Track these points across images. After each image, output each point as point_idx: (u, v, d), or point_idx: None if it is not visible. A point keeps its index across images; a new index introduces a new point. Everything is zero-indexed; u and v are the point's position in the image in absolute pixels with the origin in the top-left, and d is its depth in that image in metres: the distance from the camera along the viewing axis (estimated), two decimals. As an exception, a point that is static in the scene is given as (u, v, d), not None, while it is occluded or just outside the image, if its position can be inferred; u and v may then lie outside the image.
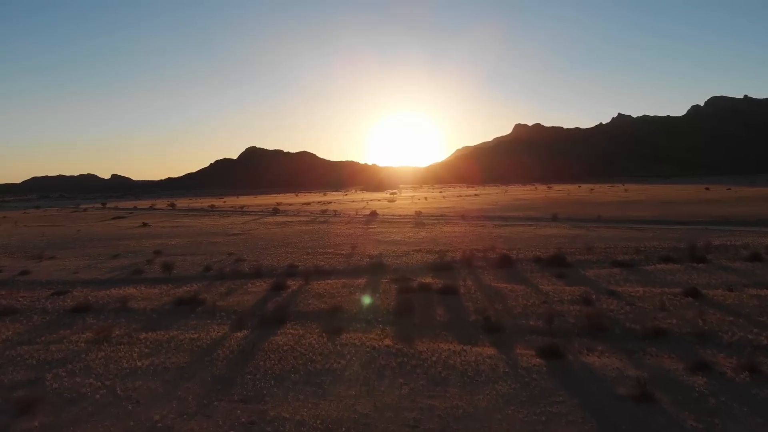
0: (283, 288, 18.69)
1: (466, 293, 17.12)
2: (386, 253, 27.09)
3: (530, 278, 19.62)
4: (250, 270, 22.68)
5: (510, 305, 15.48)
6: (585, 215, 47.38)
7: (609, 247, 26.78)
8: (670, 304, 15.30)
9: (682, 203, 62.51)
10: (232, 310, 16.06)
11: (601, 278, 19.45)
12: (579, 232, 34.00)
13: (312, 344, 12.21)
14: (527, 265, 22.44)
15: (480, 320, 13.87)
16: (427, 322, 14.05)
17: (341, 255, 26.97)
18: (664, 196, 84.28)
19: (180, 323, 14.93)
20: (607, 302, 15.65)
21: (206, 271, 23.14)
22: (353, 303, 16.24)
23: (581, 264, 22.46)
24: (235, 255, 27.97)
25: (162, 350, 12.40)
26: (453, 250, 26.99)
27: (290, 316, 14.91)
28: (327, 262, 24.76)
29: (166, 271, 22.51)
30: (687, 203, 62.12)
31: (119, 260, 28.20)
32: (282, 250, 29.45)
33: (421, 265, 23.15)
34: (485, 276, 20.28)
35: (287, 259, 26.03)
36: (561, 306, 15.26)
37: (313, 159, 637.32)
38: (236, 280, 20.89)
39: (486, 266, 22.26)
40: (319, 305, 16.15)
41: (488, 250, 26.25)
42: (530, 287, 17.86)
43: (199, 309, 16.43)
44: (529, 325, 13.55)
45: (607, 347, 11.82)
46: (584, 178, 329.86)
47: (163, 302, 17.60)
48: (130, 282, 21.77)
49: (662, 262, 22.74)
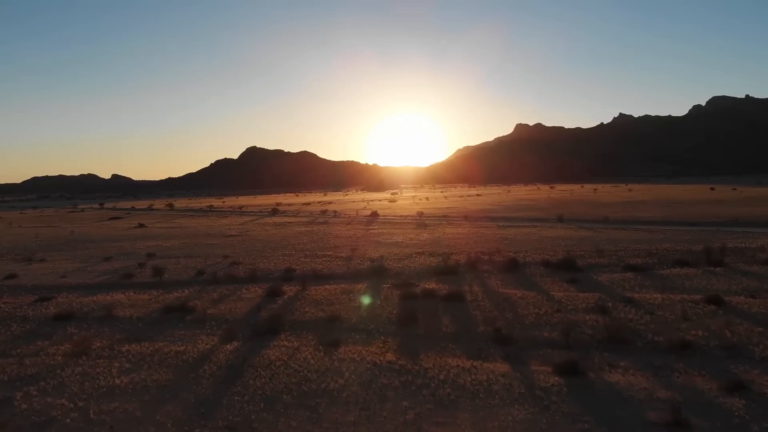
0: (278, 294, 17.66)
1: (472, 300, 16.07)
2: (387, 255, 26.06)
3: (540, 283, 18.57)
4: (244, 274, 21.65)
5: (521, 314, 14.43)
6: (591, 216, 46.33)
7: (620, 249, 25.73)
8: (692, 312, 14.26)
9: (688, 203, 61.44)
10: (223, 319, 15.04)
11: (615, 284, 18.41)
12: (587, 234, 32.94)
13: (307, 359, 11.17)
14: (536, 269, 21.39)
15: (490, 331, 12.83)
16: (432, 333, 13.00)
17: (341, 258, 25.94)
18: (669, 196, 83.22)
19: (167, 333, 13.90)
20: (624, 311, 14.60)
21: (199, 276, 22.11)
22: (353, 311, 15.20)
23: (592, 268, 21.41)
24: (230, 258, 26.94)
25: (144, 365, 11.36)
26: (457, 253, 25.94)
27: (285, 325, 13.88)
28: (326, 265, 23.72)
29: (157, 275, 21.48)
30: (694, 204, 61.05)
31: (110, 263, 27.18)
32: (279, 253, 28.41)
33: (424, 268, 22.11)
34: (492, 281, 19.23)
35: (284, 262, 25.00)
36: (576, 315, 14.21)
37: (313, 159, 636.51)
38: (230, 285, 19.86)
39: (492, 270, 21.22)
40: (316, 313, 15.11)
41: (494, 253, 25.20)
42: (541, 294, 16.81)
43: (188, 317, 15.39)
44: (543, 337, 12.51)
45: (631, 363, 10.78)
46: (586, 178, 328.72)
47: (150, 310, 16.57)
48: (119, 287, 20.75)
49: (677, 266, 21.69)
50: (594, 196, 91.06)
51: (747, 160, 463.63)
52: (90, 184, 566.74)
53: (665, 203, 63.44)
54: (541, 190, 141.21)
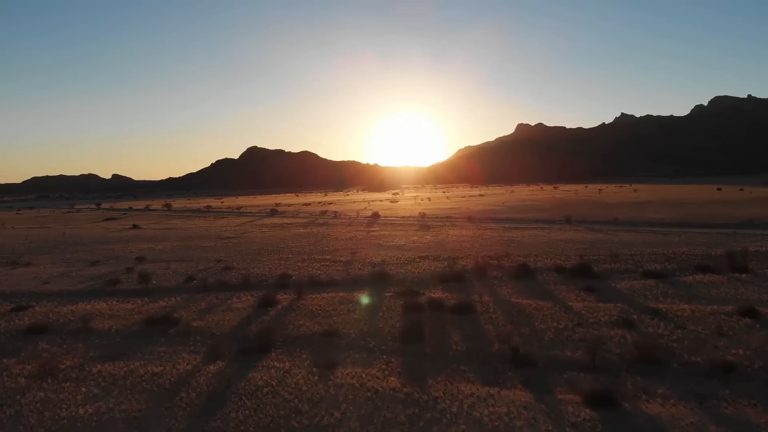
0: (271, 304, 16.28)
1: (483, 312, 14.67)
2: (389, 260, 24.67)
3: (555, 292, 17.17)
4: (237, 281, 20.27)
5: (538, 328, 13.04)
6: (600, 217, 44.88)
7: (635, 254, 24.32)
8: (727, 327, 12.87)
9: (698, 204, 59.96)
10: (210, 333, 13.66)
11: (636, 292, 17.01)
12: (598, 237, 31.52)
13: (299, 385, 9.78)
14: (549, 275, 19.99)
15: (505, 350, 11.43)
16: (440, 352, 11.61)
17: (340, 262, 24.55)
18: (677, 196, 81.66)
19: (146, 350, 12.53)
20: (652, 325, 13.20)
21: (188, 282, 20.73)
22: (352, 324, 13.80)
23: (609, 274, 20.01)
24: (223, 262, 25.55)
25: (114, 391, 9.98)
26: (463, 257, 24.55)
27: (276, 341, 12.50)
28: (324, 270, 22.32)
29: (143, 282, 20.09)
30: (703, 204, 59.57)
31: (97, 268, 25.80)
32: (275, 257, 27.02)
33: (428, 274, 20.72)
34: (503, 289, 17.84)
35: (280, 267, 23.62)
36: (599, 330, 12.82)
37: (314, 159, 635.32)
38: (220, 293, 18.49)
39: (502, 276, 19.81)
40: (311, 327, 13.72)
41: (502, 258, 23.81)
42: (557, 304, 15.41)
43: (171, 331, 14.01)
44: (566, 357, 11.12)
45: (669, 389, 9.39)
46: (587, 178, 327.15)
47: (131, 322, 15.19)
48: (102, 295, 19.38)
49: (699, 272, 20.29)
50: (599, 197, 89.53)
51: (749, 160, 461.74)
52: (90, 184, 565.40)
53: (673, 204, 61.96)
54: (545, 191, 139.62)
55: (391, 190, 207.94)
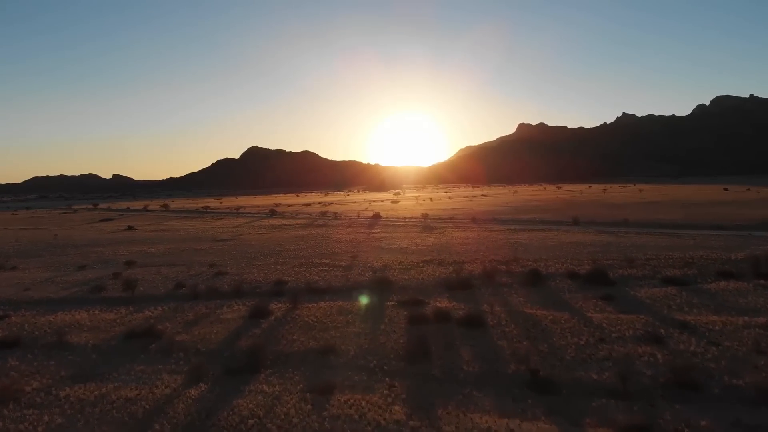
0: (264, 314, 15.03)
1: (495, 325, 13.41)
2: (391, 264, 23.41)
3: (571, 302, 15.91)
4: (229, 287, 19.02)
5: (557, 345, 11.78)
6: (607, 218, 43.54)
7: (651, 258, 23.06)
8: (765, 343, 11.62)
9: (706, 204, 58.61)
10: (194, 349, 12.42)
11: (658, 301, 15.76)
12: (609, 239, 30.22)
13: (289, 416, 8.53)
14: (562, 281, 18.73)
15: (523, 371, 10.18)
16: (450, 374, 10.36)
17: (339, 267, 23.29)
18: (683, 196, 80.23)
19: (122, 369, 11.30)
20: (682, 340, 11.95)
21: (177, 289, 19.48)
22: (351, 339, 12.55)
23: (626, 281, 18.75)
24: (216, 267, 24.29)
25: (80, 421, 8.76)
26: (469, 262, 23.28)
27: (267, 359, 11.27)
28: (322, 276, 21.06)
29: (128, 289, 18.84)
30: (712, 205, 58.22)
31: (84, 273, 24.56)
32: (271, 261, 25.76)
33: (433, 280, 19.46)
34: (514, 298, 16.58)
35: (276, 272, 22.36)
36: (625, 346, 11.57)
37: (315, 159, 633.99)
38: (210, 302, 17.25)
39: (512, 283, 18.55)
40: (306, 342, 12.47)
41: (511, 262, 22.55)
42: (575, 315, 14.15)
43: (152, 346, 12.77)
44: (592, 380, 9.87)
45: (713, 420, 8.18)
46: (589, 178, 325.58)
47: (111, 335, 13.95)
48: (85, 303, 18.14)
49: (722, 278, 19.03)
50: (604, 197, 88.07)
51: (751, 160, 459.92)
52: (91, 184, 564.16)
53: (681, 204, 60.61)
54: (548, 191, 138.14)
55: (393, 190, 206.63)
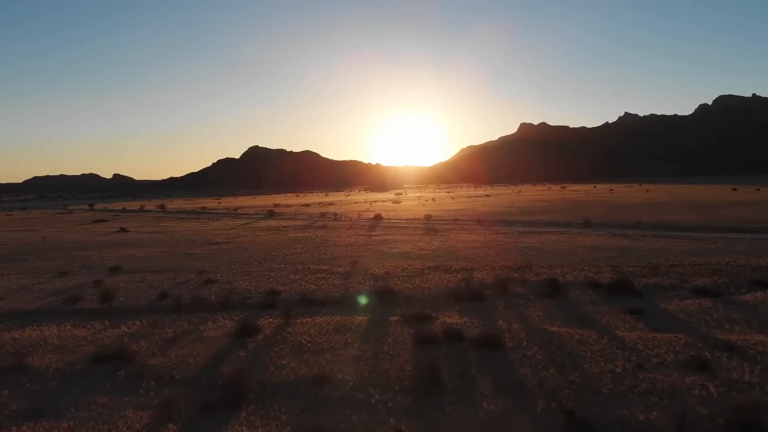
0: (252, 332, 13.35)
1: (515, 347, 11.70)
2: (394, 271, 21.72)
3: (596, 316, 14.22)
4: (216, 298, 17.34)
5: (590, 373, 10.08)
6: (619, 220, 41.77)
7: (674, 264, 21.37)
8: (832, 370, 9.92)
9: (718, 206, 56.81)
10: (169, 376, 10.74)
11: (693, 316, 14.07)
12: (625, 243, 28.49)
13: (271, 476, 6.83)
14: (582, 292, 17.03)
15: (554, 409, 8.49)
16: (468, 413, 8.66)
17: (338, 274, 21.60)
18: (692, 197, 78.32)
19: (82, 402, 9.63)
20: (733, 367, 10.25)
21: (161, 300, 17.79)
22: (349, 365, 10.85)
23: (653, 291, 17.07)
24: (206, 273, 22.61)
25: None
26: (478, 268, 21.58)
27: (251, 391, 9.59)
28: (319, 285, 19.36)
29: (105, 301, 17.16)
30: (725, 206, 56.42)
31: (64, 280, 22.89)
32: (266, 266, 24.08)
33: (440, 291, 17.77)
34: (532, 312, 14.88)
35: (269, 280, 20.66)
36: (668, 375, 9.87)
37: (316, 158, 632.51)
38: (194, 315, 15.57)
39: (528, 294, 16.86)
40: (297, 369, 10.78)
41: (524, 269, 20.85)
42: (604, 334, 12.44)
43: (121, 372, 11.09)
44: (639, 422, 8.18)
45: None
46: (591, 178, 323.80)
47: (77, 356, 12.27)
48: (57, 315, 16.46)
49: (757, 288, 17.41)
50: (611, 198, 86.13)
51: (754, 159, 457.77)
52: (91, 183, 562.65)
53: (692, 205, 58.81)
54: (552, 191, 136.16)
55: (394, 190, 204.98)
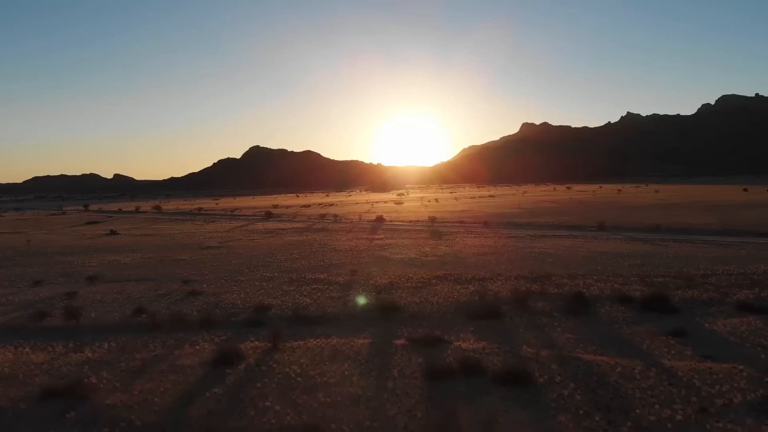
0: (233, 359, 11.38)
1: (547, 382, 9.70)
2: (398, 281, 19.73)
3: (633, 340, 12.23)
4: (198, 315, 15.38)
5: (645, 422, 8.08)
6: (635, 223, 39.66)
7: (708, 274, 19.37)
8: None
9: (735, 207, 54.65)
10: (126, 422, 8.76)
11: (746, 339, 12.10)
12: (646, 249, 26.46)
13: None
14: (613, 308, 15.03)
15: (614, 483, 6.49)
16: (499, 485, 6.68)
17: (336, 284, 19.61)
18: (704, 198, 75.96)
19: (11, 460, 7.65)
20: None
21: (136, 316, 15.84)
22: (346, 410, 8.86)
23: (691, 306, 15.08)
24: (191, 283, 20.64)
25: None
26: (492, 278, 19.58)
27: (222, 448, 7.60)
28: (314, 298, 17.37)
29: (71, 318, 15.19)
30: (742, 207, 54.28)
31: (37, 291, 20.92)
32: (257, 275, 22.10)
33: (451, 306, 15.79)
34: (559, 332, 12.89)
35: (259, 291, 18.68)
36: (739, 423, 7.91)
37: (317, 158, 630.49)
38: (171, 335, 13.62)
39: (552, 310, 14.87)
40: (282, 415, 8.79)
41: (542, 279, 18.86)
42: (649, 364, 10.44)
43: (71, 413, 9.13)
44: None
45: None
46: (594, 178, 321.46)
47: (26, 390, 10.32)
48: (18, 335, 14.54)
49: (809, 302, 15.37)
50: (620, 198, 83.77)
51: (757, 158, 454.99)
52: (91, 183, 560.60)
53: (706, 207, 56.68)
54: (558, 191, 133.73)
55: (395, 190, 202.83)
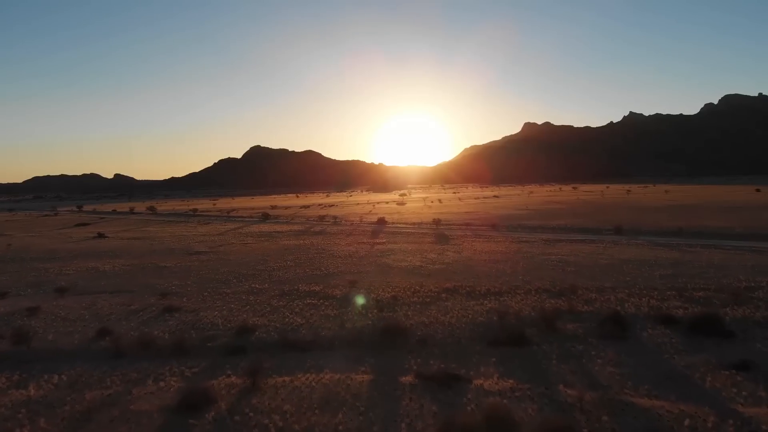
0: (201, 404, 9.12)
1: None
2: (403, 295, 17.42)
3: (693, 375, 9.96)
4: (170, 338, 13.11)
5: None
6: (654, 226, 37.19)
7: (753, 287, 17.11)
8: None
9: (752, 209, 52.16)
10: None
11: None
12: (674, 256, 24.11)
13: None
14: (656, 331, 12.73)
15: None
16: None
17: (332, 299, 17.30)
18: (717, 199, 73.22)
19: None
20: None
21: (98, 339, 13.57)
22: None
23: (746, 328, 12.81)
24: (170, 296, 18.35)
25: None
26: (509, 292, 17.27)
27: None
28: (306, 317, 15.05)
29: (20, 344, 12.93)
30: (759, 209, 51.79)
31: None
32: (246, 287, 19.79)
33: (465, 327, 13.48)
34: (599, 365, 10.60)
35: (245, 308, 16.38)
36: None
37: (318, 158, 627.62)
38: (134, 365, 11.36)
39: (585, 335, 12.57)
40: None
41: (567, 293, 16.56)
42: (723, 414, 8.18)
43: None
44: None
45: None
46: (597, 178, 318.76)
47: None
48: (-45, 362, 12.24)
49: None
50: (630, 199, 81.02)
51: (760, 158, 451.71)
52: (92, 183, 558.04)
53: (723, 208, 54.21)
54: (564, 191, 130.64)
55: (397, 190, 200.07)
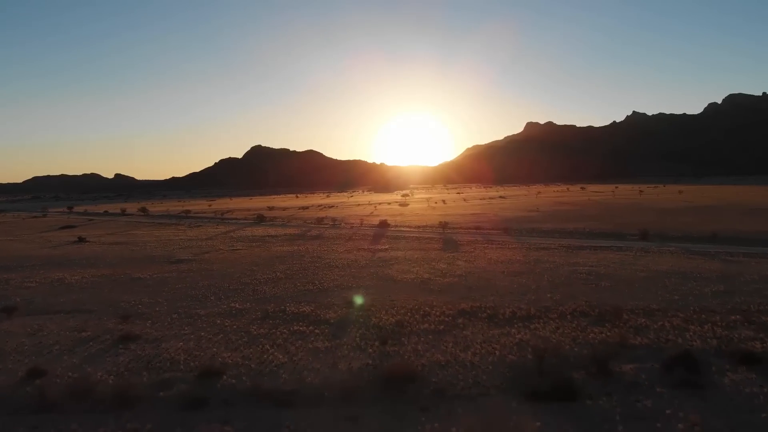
0: None
1: None
2: (411, 319, 14.46)
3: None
4: (113, 383, 10.20)
5: None
6: (679, 230, 34.16)
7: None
8: None
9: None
10: None
11: None
12: (718, 267, 21.11)
13: None
14: (738, 374, 9.81)
15: None
16: None
17: (325, 325, 14.33)
18: (736, 199, 69.88)
19: None
20: None
21: (25, 383, 10.66)
22: None
23: None
24: (132, 321, 15.39)
25: None
26: (539, 315, 14.30)
27: None
28: (290, 353, 12.07)
29: None
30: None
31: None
32: (224, 307, 16.82)
33: (493, 369, 10.56)
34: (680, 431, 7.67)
35: (217, 338, 13.40)
36: None
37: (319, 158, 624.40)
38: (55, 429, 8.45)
39: (648, 380, 9.66)
40: None
41: (611, 318, 13.62)
42: None
43: None
44: None
45: None
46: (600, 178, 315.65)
47: None
48: None
49: None
50: (645, 200, 77.62)
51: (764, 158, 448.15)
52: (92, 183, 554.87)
53: (749, 210, 51.12)
54: (572, 192, 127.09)
55: (399, 190, 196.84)
